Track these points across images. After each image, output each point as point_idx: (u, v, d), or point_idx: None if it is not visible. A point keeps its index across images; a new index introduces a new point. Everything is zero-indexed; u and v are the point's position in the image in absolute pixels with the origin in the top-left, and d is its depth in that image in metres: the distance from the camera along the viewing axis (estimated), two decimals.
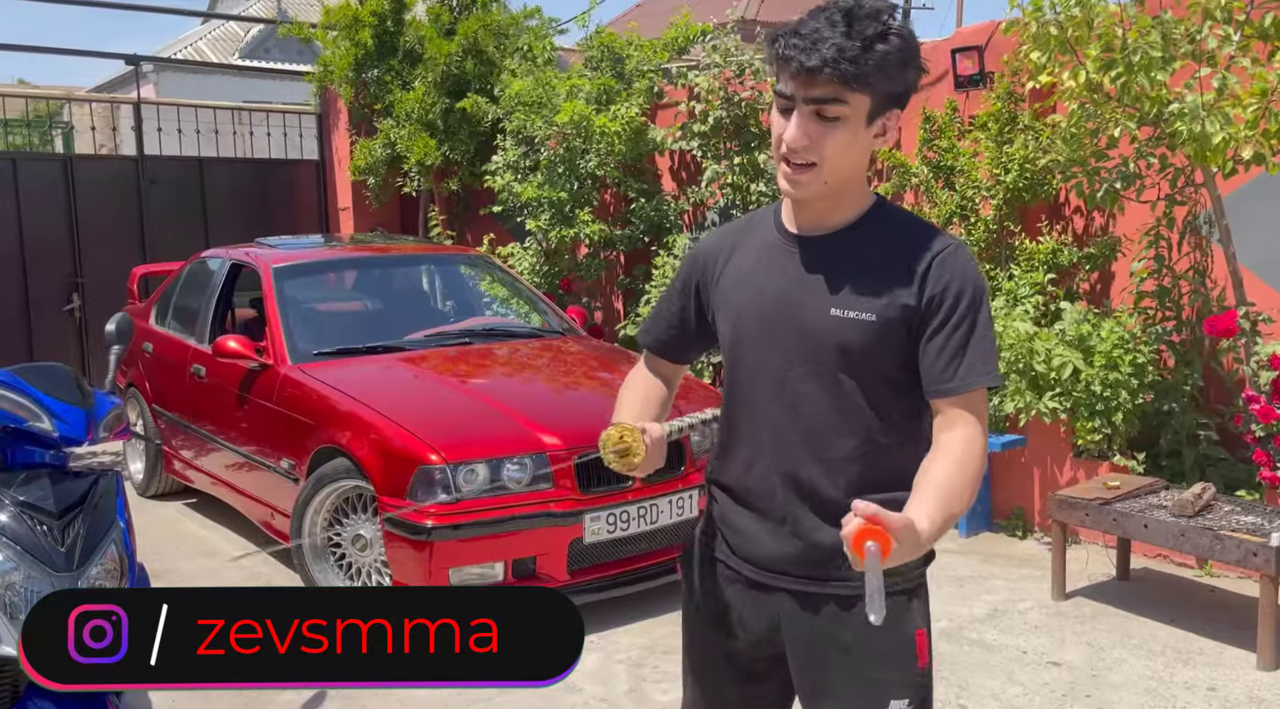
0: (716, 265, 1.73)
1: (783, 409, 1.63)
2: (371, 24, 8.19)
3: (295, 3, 22.63)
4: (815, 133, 1.52)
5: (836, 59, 1.46)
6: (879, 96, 1.52)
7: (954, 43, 5.70)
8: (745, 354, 1.67)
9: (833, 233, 1.63)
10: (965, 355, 1.56)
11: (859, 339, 1.57)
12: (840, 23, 1.48)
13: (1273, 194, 4.49)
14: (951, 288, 1.56)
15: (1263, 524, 3.57)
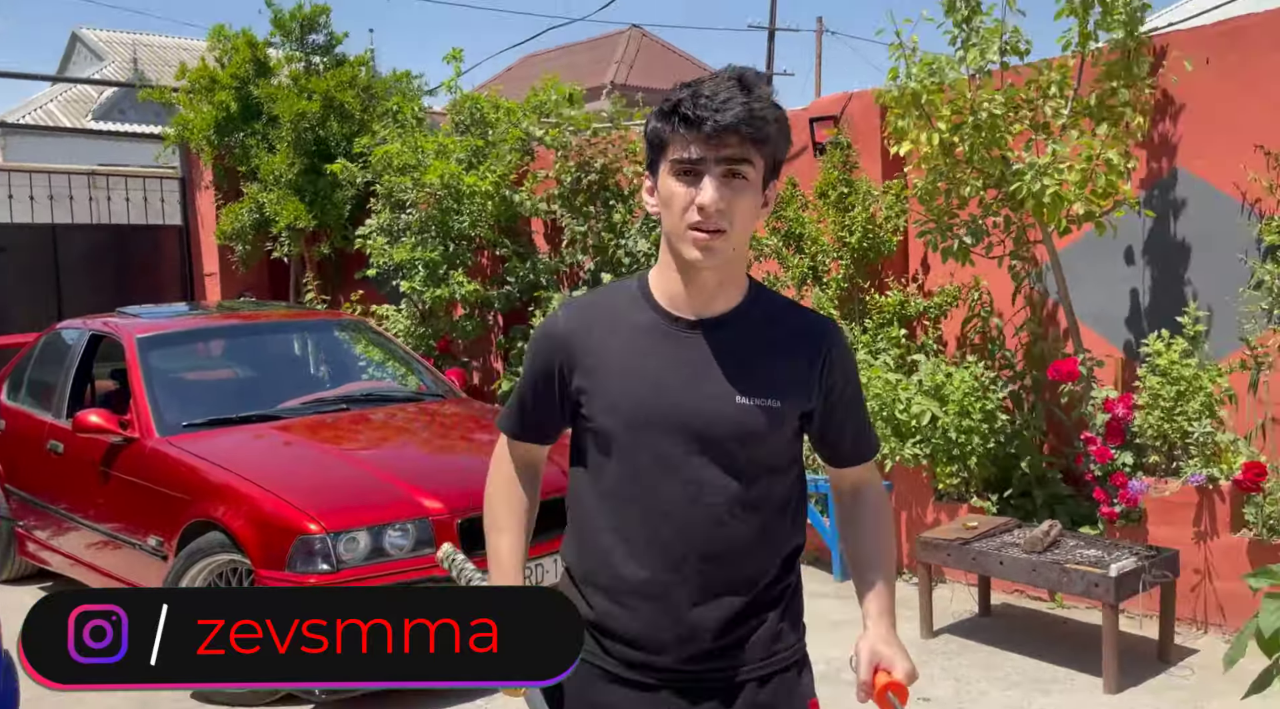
0: (578, 349, 1.64)
1: (685, 500, 1.58)
2: (232, 86, 8.10)
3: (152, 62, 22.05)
4: (727, 195, 1.50)
5: (749, 118, 1.48)
6: (771, 161, 1.55)
7: (812, 112, 6.07)
8: (635, 446, 1.59)
9: (724, 315, 1.61)
10: (866, 427, 1.72)
11: (766, 425, 1.57)
12: (738, 88, 1.50)
13: (1100, 252, 4.93)
14: (849, 369, 1.67)
15: (1103, 557, 3.87)
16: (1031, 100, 4.50)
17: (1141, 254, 4.91)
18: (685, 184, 1.51)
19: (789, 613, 1.67)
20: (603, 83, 21.16)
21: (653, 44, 23.30)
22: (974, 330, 5.31)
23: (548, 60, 23.41)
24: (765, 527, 1.62)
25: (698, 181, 1.50)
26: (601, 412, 1.61)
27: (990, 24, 4.47)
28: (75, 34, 25.77)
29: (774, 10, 24.07)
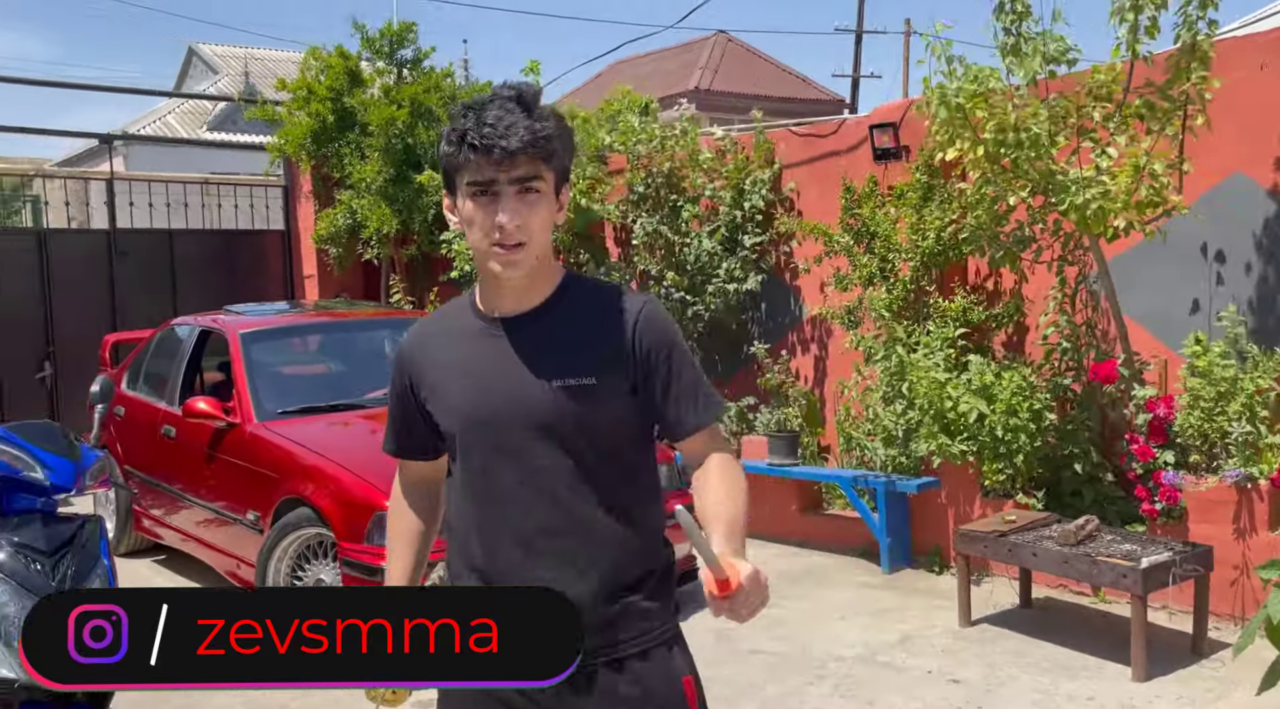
0: (418, 363, 1.76)
1: (527, 487, 1.65)
2: (327, 98, 8.65)
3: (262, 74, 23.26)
4: (523, 211, 1.60)
5: (534, 139, 1.57)
6: (560, 171, 1.65)
7: (873, 119, 6.25)
8: (477, 442, 1.69)
9: (536, 309, 1.69)
10: (699, 395, 1.70)
11: (586, 403, 1.64)
12: (518, 108, 1.59)
13: (1157, 255, 4.99)
14: (663, 337, 1.69)
15: (1137, 551, 3.99)
16: (1081, 107, 4.60)
17: (1198, 257, 4.96)
18: (482, 206, 1.61)
19: (659, 592, 1.69)
20: (687, 88, 21.48)
21: (738, 49, 23.47)
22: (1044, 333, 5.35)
23: (636, 66, 23.84)
24: (611, 502, 1.66)
25: (495, 202, 1.60)
26: (444, 416, 1.73)
27: (1036, 33, 4.57)
28: (192, 49, 27.33)
29: (861, 13, 23.97)
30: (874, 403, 5.57)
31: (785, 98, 22.55)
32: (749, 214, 6.58)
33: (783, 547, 5.83)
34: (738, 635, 4.48)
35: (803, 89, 23.56)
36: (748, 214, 6.58)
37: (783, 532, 5.94)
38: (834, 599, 4.93)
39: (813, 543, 5.81)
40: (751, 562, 1.50)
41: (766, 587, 1.50)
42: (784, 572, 5.37)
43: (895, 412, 5.33)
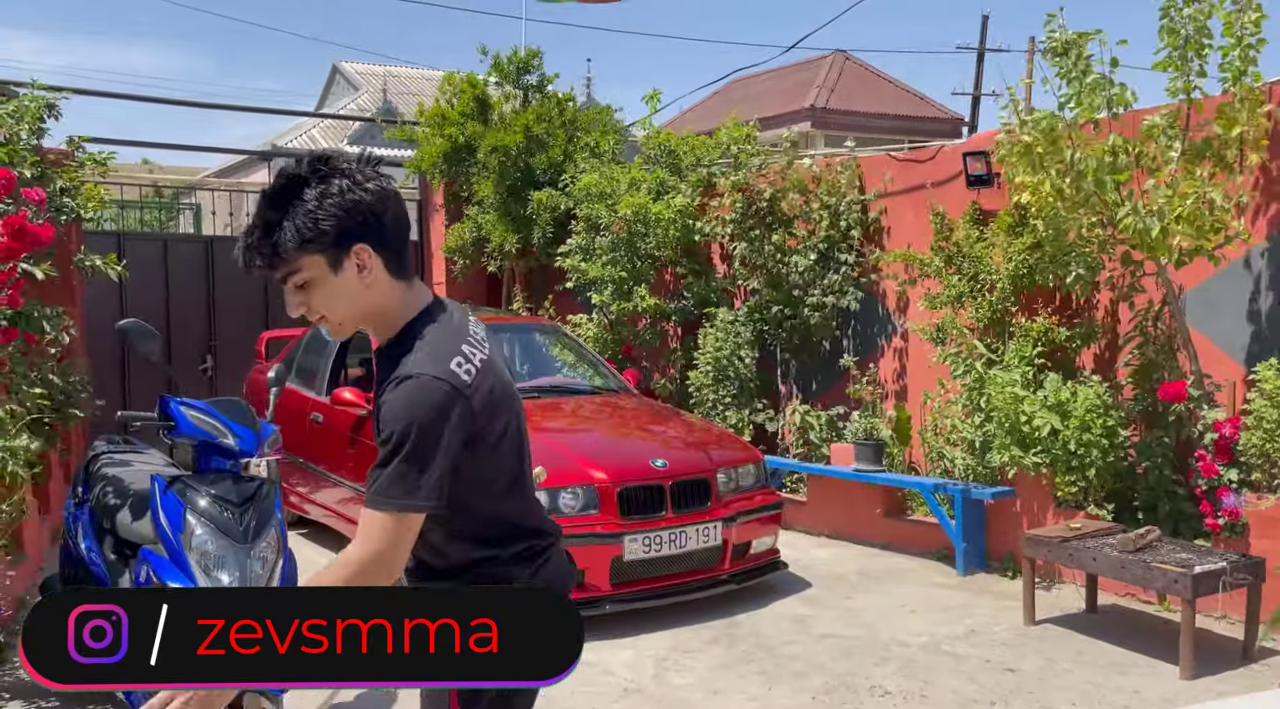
0: None
1: None
2: (459, 122, 9.42)
3: (398, 91, 24.67)
4: (301, 298, 1.78)
5: (251, 260, 1.74)
6: (326, 253, 1.72)
7: (967, 147, 6.57)
8: None
9: (379, 350, 1.86)
10: (380, 471, 1.71)
11: None
12: (259, 219, 1.73)
13: (1237, 281, 5.17)
14: (388, 414, 1.73)
15: (1193, 560, 4.23)
16: (1139, 148, 4.87)
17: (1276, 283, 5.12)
18: None
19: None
20: (803, 106, 21.80)
21: (855, 68, 23.63)
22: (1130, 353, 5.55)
23: (753, 84, 24.26)
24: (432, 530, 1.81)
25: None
26: None
27: (1092, 80, 4.87)
28: (335, 67, 29.14)
29: (984, 32, 23.85)
30: (954, 415, 5.89)
31: (902, 116, 22.63)
32: (844, 233, 6.97)
33: (865, 548, 6.19)
34: (814, 622, 4.90)
35: (921, 107, 23.55)
36: (843, 233, 6.97)
37: (867, 534, 6.30)
38: (907, 595, 5.28)
39: (894, 546, 6.15)
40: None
41: None
42: (865, 570, 5.74)
43: (974, 424, 5.64)
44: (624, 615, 4.77)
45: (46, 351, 5.43)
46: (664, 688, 4.16)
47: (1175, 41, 4.75)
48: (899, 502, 6.39)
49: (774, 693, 4.08)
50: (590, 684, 4.19)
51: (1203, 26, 4.71)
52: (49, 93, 5.51)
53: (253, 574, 3.26)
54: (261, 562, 3.32)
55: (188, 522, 3.28)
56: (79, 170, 5.91)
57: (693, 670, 4.35)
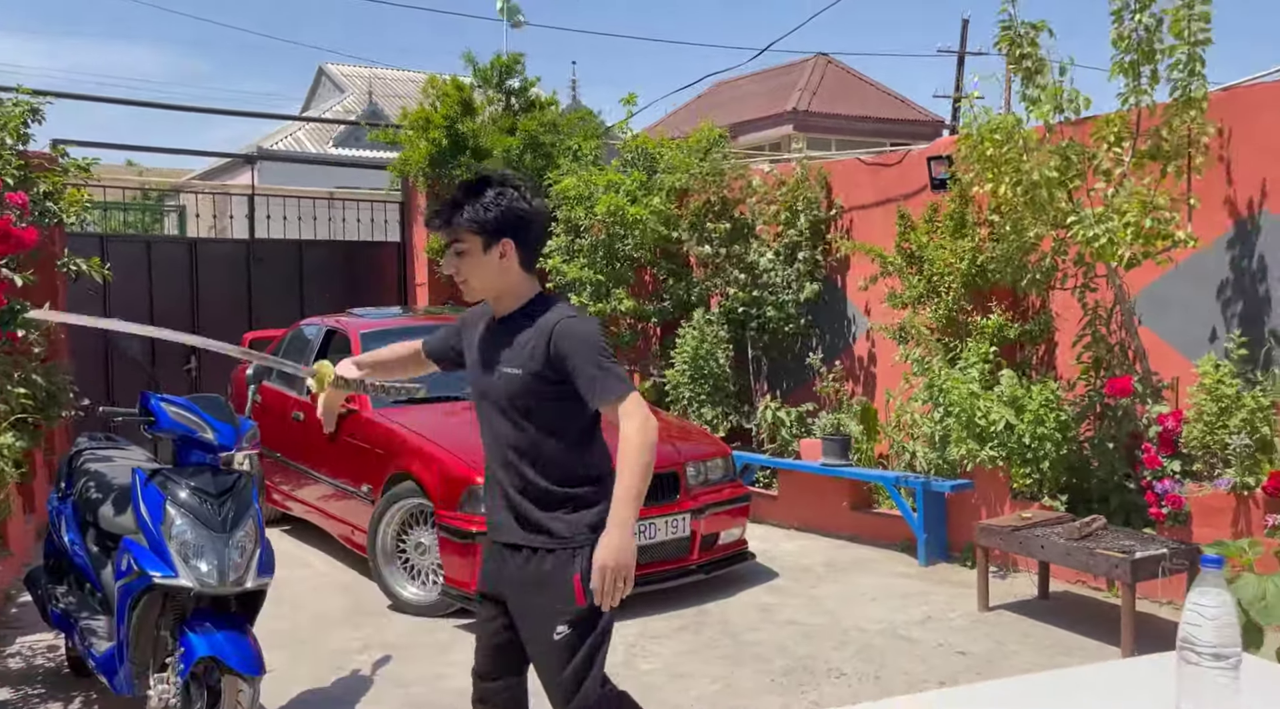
0: (466, 330, 2.65)
1: (490, 435, 2.50)
2: (443, 125, 9.57)
3: (384, 94, 24.78)
4: (456, 263, 2.46)
5: (433, 222, 2.47)
6: (483, 237, 2.41)
7: (930, 151, 6.76)
8: (474, 393, 2.57)
9: (504, 317, 2.50)
10: (597, 382, 2.36)
11: (515, 387, 2.42)
12: (459, 192, 2.44)
13: (1184, 282, 5.38)
14: (572, 342, 2.37)
15: (1135, 546, 4.43)
16: (1093, 155, 5.07)
17: (1222, 285, 5.32)
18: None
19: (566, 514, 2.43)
20: (785, 109, 21.99)
21: (837, 70, 23.84)
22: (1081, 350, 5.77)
23: (736, 87, 24.45)
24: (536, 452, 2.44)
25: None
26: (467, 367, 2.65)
27: (1050, 85, 5.06)
28: (321, 69, 29.22)
29: (965, 35, 24.15)
30: (915, 411, 6.08)
31: (884, 119, 22.83)
32: (802, 232, 7.15)
33: (833, 540, 6.38)
34: (779, 610, 5.08)
35: (903, 110, 23.77)
36: (801, 232, 7.15)
37: (834, 527, 6.48)
38: (869, 585, 5.47)
39: (860, 537, 6.34)
40: (616, 541, 2.32)
41: (608, 569, 2.32)
42: (831, 561, 5.93)
43: (934, 419, 5.84)
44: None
45: (31, 352, 5.57)
46: (630, 673, 4.33)
47: (1127, 48, 4.93)
48: (865, 495, 6.58)
49: (736, 675, 4.26)
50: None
51: (1153, 33, 4.90)
52: (33, 97, 5.65)
53: (231, 562, 3.41)
54: (239, 550, 3.47)
55: (168, 512, 3.43)
56: (63, 175, 6.04)
57: (659, 656, 4.52)
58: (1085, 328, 5.55)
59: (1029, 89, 5.13)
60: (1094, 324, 5.58)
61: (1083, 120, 5.21)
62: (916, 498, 5.85)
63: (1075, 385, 5.67)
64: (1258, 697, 1.88)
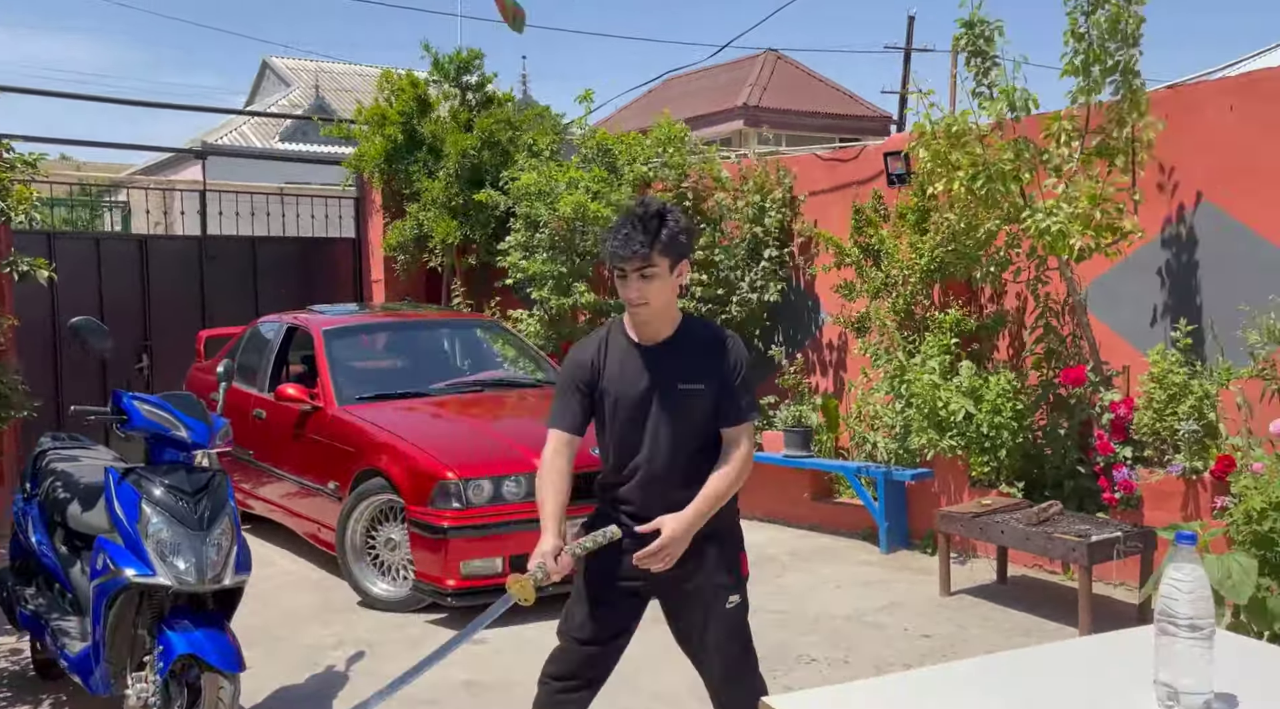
0: (594, 367, 2.75)
1: (656, 442, 2.69)
2: (399, 121, 9.51)
3: (332, 88, 24.44)
4: (643, 287, 2.62)
5: (638, 251, 2.59)
6: (671, 259, 2.64)
7: (886, 147, 6.90)
8: (626, 414, 2.72)
9: (664, 341, 2.72)
10: (738, 404, 2.69)
11: (698, 400, 2.68)
12: (637, 226, 2.61)
13: (1134, 274, 5.57)
14: (736, 360, 2.70)
15: (1090, 531, 4.59)
16: (1043, 152, 5.23)
17: (1169, 276, 5.53)
18: (620, 282, 2.67)
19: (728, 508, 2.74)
20: (736, 104, 22.17)
21: (787, 66, 24.08)
22: (1035, 342, 5.94)
23: (688, 82, 24.55)
24: (698, 457, 2.70)
25: (626, 281, 2.64)
26: (607, 398, 2.75)
27: (1004, 83, 5.21)
28: (265, 62, 28.72)
29: (910, 32, 24.48)
30: (876, 402, 6.22)
31: (833, 114, 23.13)
32: (769, 229, 7.25)
33: (796, 530, 6.50)
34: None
35: (851, 106, 24.08)
36: (768, 229, 7.25)
37: (796, 517, 6.60)
38: (834, 573, 5.59)
39: (823, 527, 6.47)
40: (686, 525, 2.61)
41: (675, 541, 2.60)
42: (795, 551, 6.04)
43: (895, 409, 5.98)
44: (559, 596, 4.98)
45: None
46: None
47: (1080, 47, 5.07)
48: (827, 486, 6.70)
49: None
50: (537, 662, 4.38)
51: (1104, 34, 5.05)
52: None
53: (208, 560, 3.39)
54: (216, 548, 3.45)
55: (143, 511, 3.40)
56: (9, 171, 5.90)
57: (634, 646, 4.57)
58: (1038, 320, 5.72)
59: (981, 86, 5.26)
60: (1046, 316, 5.76)
61: (1032, 118, 5.36)
62: (878, 487, 5.98)
63: (1030, 376, 5.85)
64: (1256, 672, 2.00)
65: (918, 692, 1.96)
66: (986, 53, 5.31)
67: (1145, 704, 1.82)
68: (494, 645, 4.60)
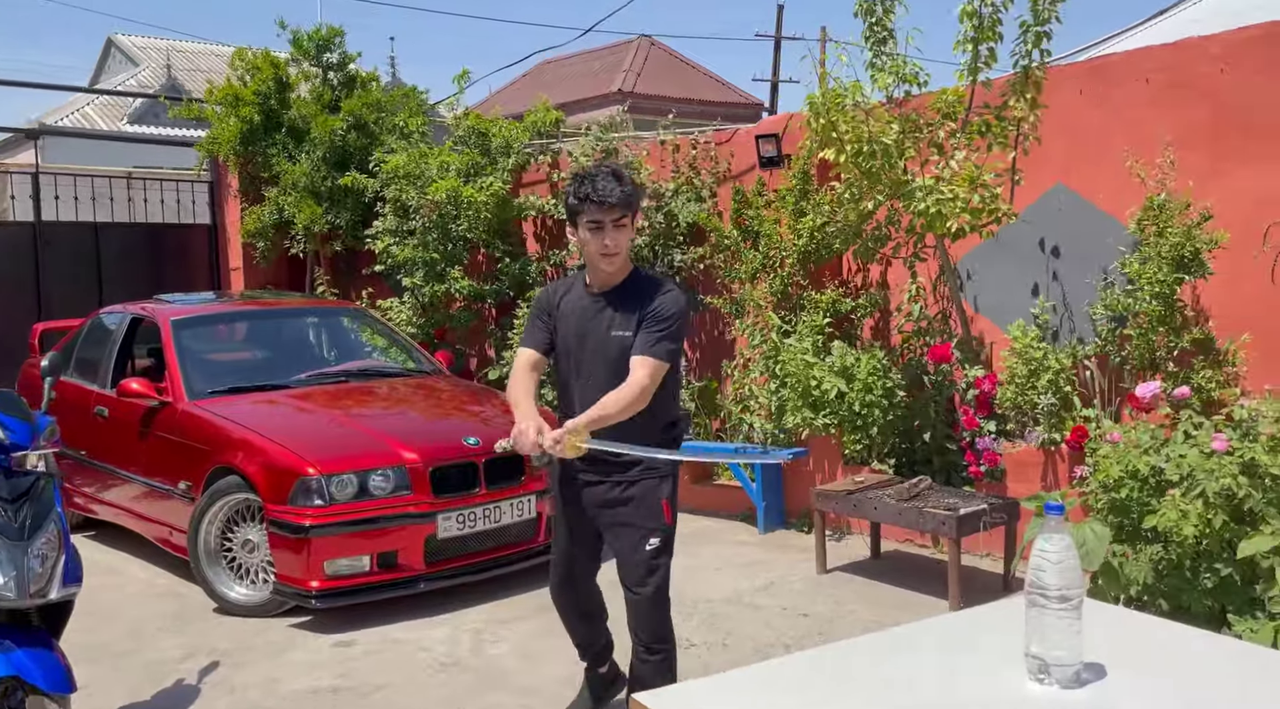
0: (554, 301, 3.13)
1: (588, 383, 3.01)
2: (255, 102, 9.01)
3: (184, 68, 23.14)
4: (618, 237, 2.93)
5: (624, 197, 2.91)
6: (635, 211, 2.99)
7: (758, 130, 6.90)
8: (569, 355, 3.09)
9: (612, 289, 3.04)
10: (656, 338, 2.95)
11: (624, 343, 2.97)
12: (613, 178, 2.93)
13: (998, 253, 5.71)
14: (660, 305, 2.96)
15: (958, 504, 4.69)
16: (929, 124, 5.29)
17: (1029, 255, 5.70)
18: (594, 232, 2.94)
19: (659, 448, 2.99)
20: (611, 90, 22.05)
21: (661, 53, 24.12)
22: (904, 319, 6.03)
23: (562, 67, 24.31)
24: None
25: (602, 231, 2.92)
26: (559, 337, 3.12)
27: (895, 56, 5.23)
28: (111, 40, 26.97)
29: (780, 20, 24.87)
30: (751, 382, 6.23)
31: (707, 101, 23.25)
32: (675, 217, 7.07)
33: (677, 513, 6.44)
34: None
35: (724, 93, 24.30)
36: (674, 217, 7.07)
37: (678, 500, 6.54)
38: (713, 555, 5.56)
39: (703, 510, 6.45)
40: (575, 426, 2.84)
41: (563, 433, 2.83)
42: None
43: (770, 390, 5.99)
44: (442, 593, 4.81)
45: None
46: (480, 659, 4.23)
47: (973, 25, 5.09)
48: (705, 468, 6.68)
49: None
50: (408, 661, 4.21)
51: (996, 11, 5.08)
52: None
53: (31, 573, 3.08)
54: (40, 559, 3.14)
55: None
56: None
57: (509, 640, 4.44)
58: (909, 298, 5.82)
59: (879, 57, 5.26)
60: (919, 294, 5.87)
61: (921, 96, 5.41)
62: (754, 468, 5.99)
63: (902, 354, 5.96)
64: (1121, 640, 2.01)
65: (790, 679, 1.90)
66: (884, 23, 5.30)
67: (1017, 678, 1.81)
68: (363, 647, 4.38)
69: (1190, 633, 2.12)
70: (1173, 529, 3.31)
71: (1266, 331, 4.68)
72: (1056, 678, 1.73)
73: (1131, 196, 5.06)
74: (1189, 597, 3.37)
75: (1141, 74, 5.25)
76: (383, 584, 4.67)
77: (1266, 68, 4.81)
